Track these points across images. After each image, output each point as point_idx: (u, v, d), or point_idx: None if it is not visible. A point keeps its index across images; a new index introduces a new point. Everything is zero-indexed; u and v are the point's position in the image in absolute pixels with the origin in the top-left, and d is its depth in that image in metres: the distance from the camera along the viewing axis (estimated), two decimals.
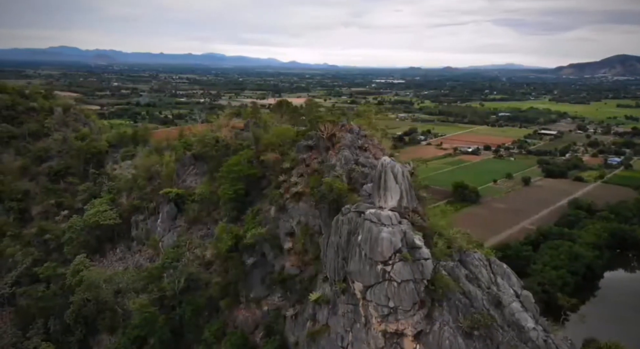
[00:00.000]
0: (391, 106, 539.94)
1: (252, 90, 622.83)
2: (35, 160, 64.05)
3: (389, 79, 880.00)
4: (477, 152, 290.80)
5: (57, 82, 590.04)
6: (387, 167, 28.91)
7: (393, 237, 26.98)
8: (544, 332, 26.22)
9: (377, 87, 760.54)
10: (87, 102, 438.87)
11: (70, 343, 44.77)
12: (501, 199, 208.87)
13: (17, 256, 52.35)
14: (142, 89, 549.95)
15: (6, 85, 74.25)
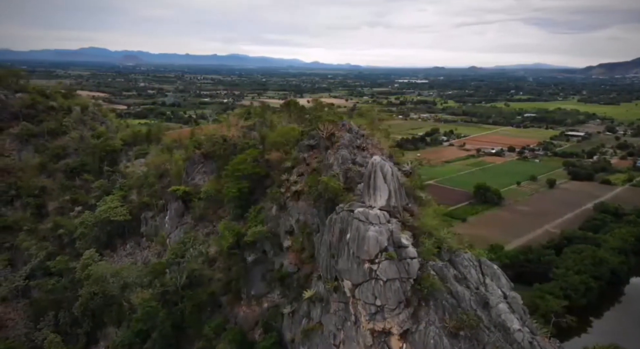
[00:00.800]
0: (413, 106, 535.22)
1: (275, 90, 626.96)
2: (52, 157, 66.16)
3: (412, 79, 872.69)
4: (500, 154, 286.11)
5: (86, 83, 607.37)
6: (376, 167, 28.80)
7: (380, 236, 26.92)
8: (531, 334, 25.74)
9: (400, 87, 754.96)
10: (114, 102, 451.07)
11: (79, 335, 46.19)
12: (524, 202, 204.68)
13: (32, 250, 54.28)
14: (168, 89, 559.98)
15: (27, 85, 76.85)
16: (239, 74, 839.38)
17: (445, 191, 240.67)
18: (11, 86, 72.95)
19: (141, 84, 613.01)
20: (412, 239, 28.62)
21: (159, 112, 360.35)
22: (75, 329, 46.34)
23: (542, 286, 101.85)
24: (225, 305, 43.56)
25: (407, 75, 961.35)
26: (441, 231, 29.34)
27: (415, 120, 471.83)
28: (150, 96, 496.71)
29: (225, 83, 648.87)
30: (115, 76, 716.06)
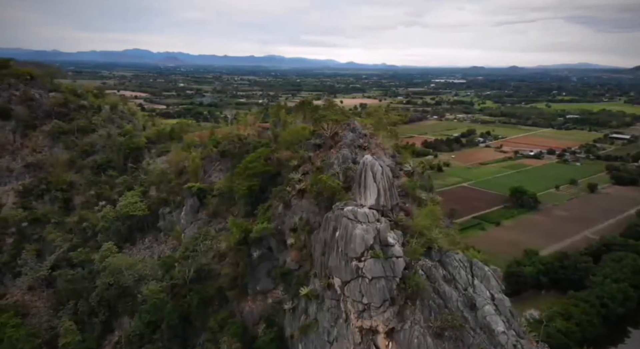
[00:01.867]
0: (449, 107, 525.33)
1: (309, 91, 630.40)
2: (81, 154, 69.29)
3: (449, 79, 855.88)
4: (539, 156, 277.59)
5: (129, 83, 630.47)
6: (367, 166, 28.77)
7: (366, 234, 26.92)
8: (516, 337, 25.10)
9: (436, 87, 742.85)
10: (154, 102, 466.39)
11: (95, 324, 48.15)
12: (562, 206, 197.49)
13: (57, 242, 56.98)
14: (206, 89, 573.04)
15: (61, 84, 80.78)
16: (274, 75, 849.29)
17: (479, 194, 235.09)
18: (46, 86, 76.91)
19: (180, 85, 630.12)
20: (402, 238, 28.53)
21: (197, 112, 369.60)
22: (92, 318, 48.37)
23: (576, 294, 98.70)
24: (232, 300, 44.43)
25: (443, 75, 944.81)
26: (433, 231, 28.87)
27: (450, 120, 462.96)
28: (189, 96, 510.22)
29: (261, 84, 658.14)
30: (156, 77, 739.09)
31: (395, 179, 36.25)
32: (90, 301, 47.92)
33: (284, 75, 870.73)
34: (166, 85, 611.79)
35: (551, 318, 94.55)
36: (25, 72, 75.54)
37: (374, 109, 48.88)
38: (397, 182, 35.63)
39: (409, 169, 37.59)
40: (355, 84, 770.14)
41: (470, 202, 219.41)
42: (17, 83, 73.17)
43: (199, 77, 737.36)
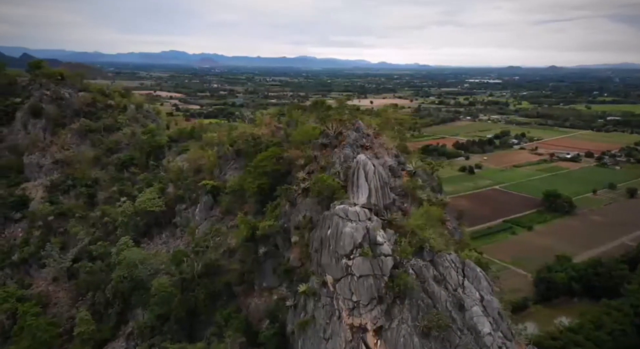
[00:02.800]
0: (483, 107, 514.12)
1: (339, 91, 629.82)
2: (106, 151, 71.96)
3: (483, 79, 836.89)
4: (576, 159, 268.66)
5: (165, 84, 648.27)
6: (359, 165, 28.86)
7: (355, 232, 27.13)
8: (503, 339, 24.67)
9: (470, 88, 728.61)
10: (188, 102, 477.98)
11: (110, 315, 50.05)
12: (599, 211, 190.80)
13: (80, 235, 59.50)
14: (238, 90, 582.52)
15: (89, 84, 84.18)
16: (305, 76, 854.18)
17: (511, 197, 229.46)
18: (75, 86, 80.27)
19: (214, 86, 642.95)
20: (394, 237, 28.45)
21: (229, 113, 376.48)
22: (108, 309, 50.32)
23: (610, 302, 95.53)
24: (239, 295, 45.27)
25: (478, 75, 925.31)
26: (426, 231, 28.59)
27: (484, 121, 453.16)
28: (222, 97, 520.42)
29: (292, 85, 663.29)
30: (191, 78, 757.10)
31: (396, 179, 36.15)
32: (106, 292, 49.85)
33: (315, 76, 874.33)
34: (201, 86, 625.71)
35: (582, 326, 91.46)
36: (57, 73, 79.16)
37: (382, 109, 48.58)
38: (398, 182, 35.49)
39: (410, 169, 37.32)
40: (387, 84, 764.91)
41: (502, 205, 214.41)
42: (48, 83, 76.75)
43: (232, 78, 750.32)
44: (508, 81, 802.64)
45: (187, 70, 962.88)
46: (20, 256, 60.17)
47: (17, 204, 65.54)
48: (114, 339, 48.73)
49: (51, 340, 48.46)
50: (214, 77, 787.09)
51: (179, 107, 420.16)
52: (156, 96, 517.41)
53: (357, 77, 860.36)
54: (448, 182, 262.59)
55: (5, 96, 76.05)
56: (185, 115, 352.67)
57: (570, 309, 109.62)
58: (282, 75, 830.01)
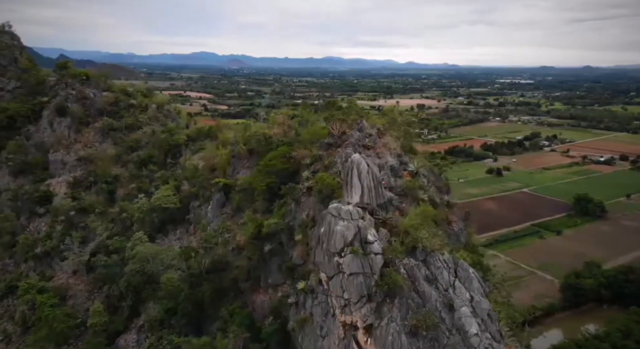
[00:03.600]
0: (514, 108, 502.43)
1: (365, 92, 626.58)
2: (127, 149, 74.15)
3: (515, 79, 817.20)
4: (610, 162, 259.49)
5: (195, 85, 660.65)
6: (353, 165, 29.01)
7: (346, 231, 27.31)
8: (491, 340, 24.43)
9: (501, 88, 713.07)
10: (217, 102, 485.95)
11: (123, 308, 51.58)
12: (632, 216, 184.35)
13: (98, 230, 61.55)
14: (265, 91, 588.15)
15: (113, 84, 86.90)
16: (331, 76, 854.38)
17: (539, 200, 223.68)
18: (100, 85, 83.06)
19: (242, 87, 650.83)
20: (388, 237, 28.50)
21: (255, 113, 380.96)
22: (121, 302, 51.97)
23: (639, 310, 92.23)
24: (245, 291, 45.98)
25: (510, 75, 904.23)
26: (420, 231, 28.42)
27: (514, 123, 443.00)
28: (249, 98, 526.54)
29: (318, 85, 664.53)
30: (220, 79, 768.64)
31: (397, 179, 36.04)
32: (120, 286, 51.44)
33: (342, 76, 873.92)
34: (229, 87, 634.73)
35: (608, 334, 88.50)
36: (82, 73, 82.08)
37: (388, 109, 48.46)
38: (399, 182, 35.39)
39: (412, 169, 37.11)
40: (414, 84, 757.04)
41: (530, 208, 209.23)
42: (74, 83, 79.68)
43: (259, 79, 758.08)
44: (541, 81, 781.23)
45: (217, 71, 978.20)
46: (42, 249, 62.73)
47: (41, 200, 68.36)
48: (126, 331, 50.22)
49: (67, 331, 50.45)
50: (242, 78, 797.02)
51: (207, 107, 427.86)
52: (186, 96, 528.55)
53: (384, 77, 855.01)
54: (475, 184, 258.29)
55: (34, 95, 79.44)
56: (213, 115, 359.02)
57: (599, 317, 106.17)
58: (309, 76, 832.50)
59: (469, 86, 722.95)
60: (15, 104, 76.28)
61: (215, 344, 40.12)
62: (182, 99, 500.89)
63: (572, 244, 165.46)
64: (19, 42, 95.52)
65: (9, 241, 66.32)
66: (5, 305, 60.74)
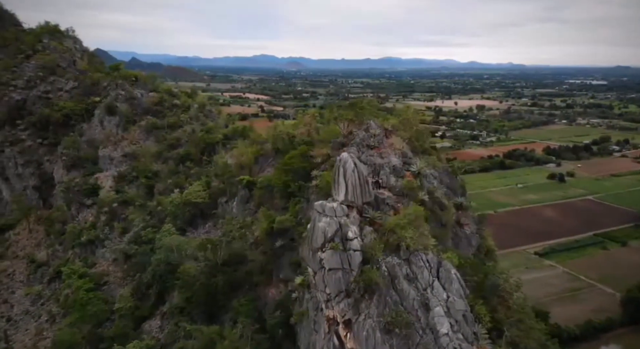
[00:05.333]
0: (582, 110, 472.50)
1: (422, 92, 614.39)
2: (168, 147, 78.40)
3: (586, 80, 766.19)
4: None
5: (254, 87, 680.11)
6: (340, 163, 29.52)
7: (328, 227, 27.83)
8: (463, 341, 24.17)
9: (569, 89, 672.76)
10: (273, 104, 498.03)
11: (150, 295, 54.82)
12: None
13: (136, 222, 65.75)
14: (320, 92, 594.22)
15: (159, 85, 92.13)
16: (388, 77, 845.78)
17: (605, 209, 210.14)
18: (148, 86, 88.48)
19: (298, 88, 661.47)
20: (372, 234, 28.66)
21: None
22: (149, 289, 55.19)
23: None
24: (259, 284, 47.47)
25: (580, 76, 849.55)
26: (406, 230, 28.21)
27: (582, 126, 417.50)
28: (304, 99, 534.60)
29: (373, 86, 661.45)
30: (278, 81, 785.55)
31: (398, 179, 35.83)
32: (148, 274, 54.72)
33: (398, 77, 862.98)
34: (286, 89, 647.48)
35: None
36: (132, 75, 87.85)
37: (402, 110, 47.98)
38: (399, 182, 35.18)
39: (414, 170, 36.69)
40: (475, 84, 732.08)
41: (594, 217, 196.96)
42: (124, 84, 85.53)
43: (315, 81, 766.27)
44: (614, 82, 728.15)
45: (276, 73, 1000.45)
46: (87, 237, 67.94)
47: (89, 192, 74.02)
48: (151, 317, 53.41)
49: (100, 314, 54.43)
50: (299, 79, 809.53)
51: (264, 108, 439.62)
52: (245, 98, 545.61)
53: (443, 77, 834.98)
54: (534, 189, 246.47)
55: (88, 95, 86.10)
56: (269, 116, 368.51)
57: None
58: (365, 77, 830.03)
59: (534, 87, 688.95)
60: (71, 103, 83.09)
61: (224, 333, 41.82)
62: (241, 101, 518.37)
63: (637, 256, 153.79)
64: (80, 45, 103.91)
65: (60, 229, 72.46)
66: (52, 288, 66.54)
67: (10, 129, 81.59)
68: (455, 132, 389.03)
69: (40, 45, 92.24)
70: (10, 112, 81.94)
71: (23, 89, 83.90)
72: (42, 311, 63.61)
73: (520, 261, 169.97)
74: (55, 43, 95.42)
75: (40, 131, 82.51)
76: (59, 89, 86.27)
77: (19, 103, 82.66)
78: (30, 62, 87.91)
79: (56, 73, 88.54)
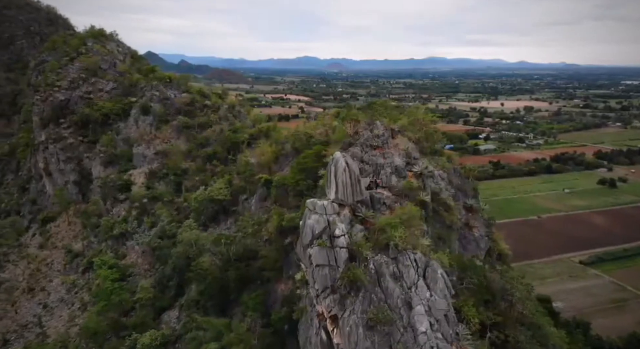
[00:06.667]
0: (638, 113, 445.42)
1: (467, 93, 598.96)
2: (197, 146, 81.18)
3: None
4: None
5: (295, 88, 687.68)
6: (332, 162, 29.98)
7: (316, 224, 28.38)
8: (442, 340, 24.46)
9: (626, 90, 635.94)
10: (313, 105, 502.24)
11: (170, 287, 57.15)
12: None
13: (162, 217, 68.64)
14: (360, 93, 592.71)
15: (191, 86, 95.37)
16: (432, 77, 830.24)
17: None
18: (181, 87, 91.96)
19: (339, 89, 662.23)
20: (363, 232, 29.03)
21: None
22: (169, 281, 57.57)
23: None
24: (270, 280, 48.53)
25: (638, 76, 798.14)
26: (397, 230, 28.30)
27: (638, 129, 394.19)
28: (344, 100, 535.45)
29: (416, 86, 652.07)
30: (319, 82, 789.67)
31: (400, 179, 35.75)
32: (168, 267, 57.11)
33: (443, 77, 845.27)
34: (326, 90, 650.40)
35: None
36: (166, 76, 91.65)
37: (411, 110, 47.59)
38: (401, 182, 35.12)
39: (417, 170, 36.48)
40: (524, 85, 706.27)
41: None
42: (158, 85, 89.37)
43: (356, 82, 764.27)
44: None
45: (317, 74, 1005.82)
46: (118, 230, 71.57)
47: (123, 188, 77.92)
48: (170, 308, 55.71)
49: (124, 303, 57.35)
50: (340, 81, 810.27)
51: (304, 109, 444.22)
52: (286, 99, 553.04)
53: (490, 77, 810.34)
54: (582, 195, 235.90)
55: (126, 96, 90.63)
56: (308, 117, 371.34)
57: None
58: (408, 78, 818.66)
59: (587, 88, 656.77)
60: (109, 103, 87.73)
61: (232, 326, 43.19)
62: (282, 102, 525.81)
63: None
64: (123, 48, 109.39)
65: (96, 222, 76.66)
66: (86, 278, 70.58)
67: (54, 127, 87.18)
68: (500, 134, 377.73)
69: (84, 48, 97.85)
70: (55, 111, 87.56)
71: (67, 89, 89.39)
72: (75, 299, 67.67)
73: (563, 270, 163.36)
74: (98, 46, 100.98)
75: (81, 129, 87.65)
76: (100, 89, 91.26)
77: (63, 103, 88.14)
78: (74, 64, 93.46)
79: (97, 74, 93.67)
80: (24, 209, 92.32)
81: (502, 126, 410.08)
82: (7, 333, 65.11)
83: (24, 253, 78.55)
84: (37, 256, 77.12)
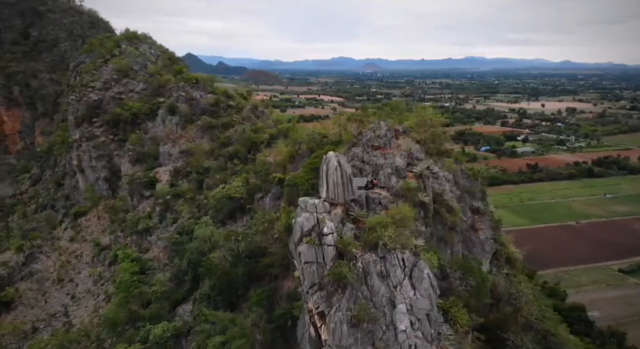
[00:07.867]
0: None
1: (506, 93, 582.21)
2: (220, 145, 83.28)
3: None
4: None
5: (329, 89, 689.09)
6: (325, 162, 30.42)
7: (305, 222, 29.02)
8: (421, 339, 24.71)
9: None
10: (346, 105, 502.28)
11: (185, 281, 58.94)
12: None
13: (183, 213, 70.86)
14: (395, 94, 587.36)
15: (216, 87, 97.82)
16: (469, 77, 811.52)
17: None
18: (207, 88, 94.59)
19: (372, 90, 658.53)
20: (353, 230, 29.42)
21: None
22: (184, 276, 59.38)
23: None
24: (278, 277, 49.37)
25: None
26: (387, 229, 28.48)
27: None
28: (378, 100, 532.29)
29: (453, 87, 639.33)
30: (353, 83, 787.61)
31: (399, 179, 35.71)
32: (184, 261, 58.94)
33: (481, 77, 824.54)
34: (360, 91, 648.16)
35: None
36: (193, 77, 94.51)
37: (418, 110, 47.19)
38: (400, 183, 35.11)
39: (417, 171, 36.28)
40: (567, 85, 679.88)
41: None
42: (185, 85, 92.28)
43: (391, 82, 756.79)
44: None
45: (352, 75, 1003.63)
46: (143, 226, 74.46)
47: (148, 185, 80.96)
48: (185, 302, 57.47)
49: (143, 295, 59.62)
50: (374, 81, 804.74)
51: (337, 110, 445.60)
52: (319, 100, 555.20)
53: (531, 77, 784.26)
54: (625, 201, 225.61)
55: (155, 96, 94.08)
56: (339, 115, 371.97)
57: None
58: (445, 78, 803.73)
59: (635, 89, 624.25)
60: (139, 104, 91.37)
61: (237, 320, 44.23)
62: (315, 103, 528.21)
63: None
64: (155, 50, 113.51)
65: (122, 217, 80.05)
66: (112, 270, 73.80)
67: (87, 126, 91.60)
68: (540, 136, 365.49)
69: (118, 50, 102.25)
70: (88, 111, 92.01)
71: (100, 90, 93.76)
72: (101, 291, 70.91)
73: (601, 278, 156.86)
74: (131, 48, 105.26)
75: (112, 128, 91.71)
76: (130, 90, 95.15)
77: (96, 103, 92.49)
78: (107, 65, 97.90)
79: (129, 75, 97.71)
80: (58, 203, 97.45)
81: (541, 128, 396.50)
82: (36, 321, 69.01)
83: (56, 246, 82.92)
84: (67, 248, 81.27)
